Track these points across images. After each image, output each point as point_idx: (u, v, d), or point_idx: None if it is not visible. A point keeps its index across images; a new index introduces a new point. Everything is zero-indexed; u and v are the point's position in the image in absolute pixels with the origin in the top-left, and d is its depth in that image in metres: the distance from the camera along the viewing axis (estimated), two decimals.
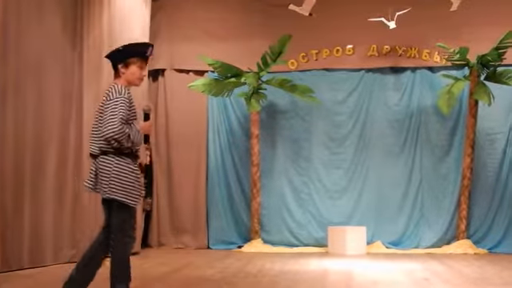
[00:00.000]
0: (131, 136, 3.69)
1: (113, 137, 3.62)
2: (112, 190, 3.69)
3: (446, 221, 8.36)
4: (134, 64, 3.83)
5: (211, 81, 8.44)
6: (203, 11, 8.87)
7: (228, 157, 8.79)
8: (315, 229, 8.56)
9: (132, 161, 3.77)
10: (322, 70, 8.81)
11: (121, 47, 3.92)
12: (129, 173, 3.73)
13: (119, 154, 3.73)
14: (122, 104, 3.69)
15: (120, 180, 3.70)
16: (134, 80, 3.87)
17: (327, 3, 8.28)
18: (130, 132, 3.69)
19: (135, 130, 3.74)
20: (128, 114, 3.72)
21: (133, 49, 3.92)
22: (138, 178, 3.77)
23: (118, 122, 3.64)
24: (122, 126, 3.64)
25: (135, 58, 3.84)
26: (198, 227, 8.66)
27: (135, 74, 3.85)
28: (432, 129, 8.57)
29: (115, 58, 3.87)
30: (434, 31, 8.33)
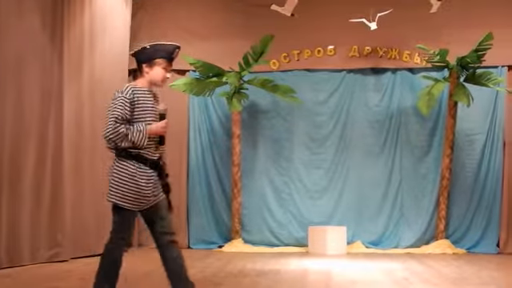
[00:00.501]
0: (129, 136, 3.59)
1: (108, 136, 3.58)
2: (109, 192, 3.67)
3: (425, 221, 8.44)
4: (159, 65, 3.76)
5: (192, 80, 8.41)
6: (184, 10, 8.84)
7: (209, 156, 8.77)
8: (296, 229, 8.58)
9: (135, 163, 3.65)
10: (303, 70, 8.84)
11: (148, 46, 3.83)
12: (125, 175, 3.62)
13: (121, 156, 3.66)
14: (120, 103, 3.61)
15: (116, 182, 3.64)
16: (157, 81, 3.79)
17: (309, 4, 8.30)
18: (127, 132, 3.59)
19: (136, 129, 3.62)
20: (129, 113, 3.63)
21: (159, 49, 3.82)
22: (137, 181, 3.63)
23: (113, 121, 3.58)
24: (116, 125, 3.57)
25: (161, 59, 3.77)
26: (178, 227, 8.59)
27: (159, 75, 3.77)
28: (412, 129, 8.64)
29: (141, 57, 3.79)
30: (414, 33, 8.40)
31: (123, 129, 3.59)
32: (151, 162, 3.70)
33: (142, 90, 3.73)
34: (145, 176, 3.65)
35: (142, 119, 3.66)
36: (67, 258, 6.58)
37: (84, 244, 7.00)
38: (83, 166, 7.09)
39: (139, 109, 3.67)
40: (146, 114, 3.69)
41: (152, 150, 3.70)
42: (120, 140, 3.59)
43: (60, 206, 6.58)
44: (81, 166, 7.03)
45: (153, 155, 3.72)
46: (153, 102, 3.76)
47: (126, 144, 3.61)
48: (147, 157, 3.69)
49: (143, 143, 3.63)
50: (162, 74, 3.77)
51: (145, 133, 3.62)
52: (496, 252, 8.21)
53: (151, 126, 3.68)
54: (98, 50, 7.43)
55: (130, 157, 3.65)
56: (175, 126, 8.74)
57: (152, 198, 3.70)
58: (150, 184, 3.68)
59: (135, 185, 3.63)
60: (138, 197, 3.65)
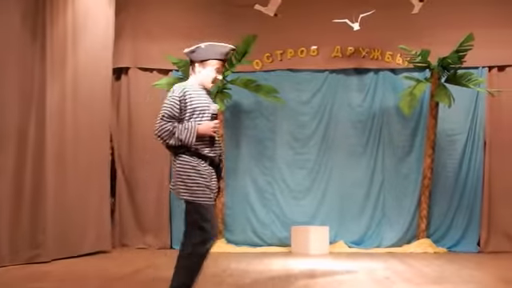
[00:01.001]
0: (176, 133, 3.61)
1: (156, 134, 3.64)
2: (178, 190, 3.69)
3: (407, 220, 8.50)
4: (211, 66, 3.76)
5: (176, 80, 8.37)
6: (168, 10, 8.81)
7: None
8: (279, 229, 8.59)
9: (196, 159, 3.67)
10: (286, 70, 8.85)
11: (202, 45, 3.81)
12: (189, 169, 3.65)
13: (180, 153, 3.67)
14: (169, 102, 3.66)
15: (183, 178, 3.66)
16: (207, 82, 3.79)
17: (292, 4, 8.32)
18: (174, 130, 3.61)
19: (183, 127, 3.64)
20: (178, 111, 3.64)
21: (214, 50, 3.80)
22: (202, 175, 3.67)
23: (160, 119, 3.64)
24: (162, 123, 3.62)
25: (215, 60, 3.76)
26: (161, 227, 8.59)
27: (210, 75, 3.77)
28: (394, 129, 8.70)
29: (194, 56, 3.79)
30: (396, 34, 8.46)
31: (169, 126, 3.61)
32: (210, 160, 3.72)
33: (195, 88, 3.73)
34: (206, 169, 3.68)
35: (195, 118, 3.66)
36: (49, 259, 6.52)
37: (67, 245, 6.94)
38: (66, 166, 7.02)
39: (191, 108, 3.67)
40: (199, 112, 3.69)
41: (208, 149, 3.71)
42: (167, 137, 3.62)
43: (41, 207, 6.51)
44: (63, 166, 6.97)
45: (209, 153, 3.72)
46: (207, 101, 3.75)
47: (173, 142, 3.62)
48: (205, 154, 3.70)
49: (191, 141, 3.62)
50: (214, 75, 3.76)
51: (192, 131, 3.62)
52: (477, 251, 8.30)
53: (200, 124, 3.67)
54: (81, 48, 7.37)
55: (188, 152, 3.67)
56: None
57: (214, 192, 3.73)
58: (211, 177, 3.71)
59: (201, 178, 3.66)
60: (207, 190, 3.67)
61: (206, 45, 3.80)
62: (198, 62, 3.75)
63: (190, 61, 3.81)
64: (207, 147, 3.71)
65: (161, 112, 3.67)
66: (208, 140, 3.71)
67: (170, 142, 3.63)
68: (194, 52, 3.78)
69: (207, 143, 3.71)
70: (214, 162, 3.76)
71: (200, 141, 3.69)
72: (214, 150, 3.75)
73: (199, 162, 3.68)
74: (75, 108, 7.20)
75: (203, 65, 3.74)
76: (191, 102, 3.68)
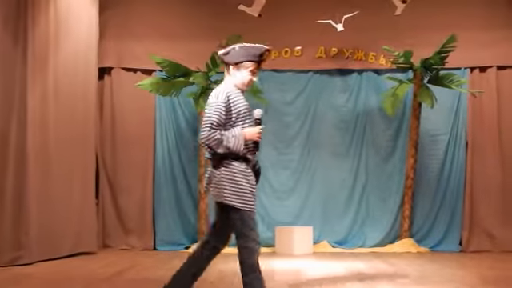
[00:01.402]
0: (224, 141, 3.55)
1: (204, 142, 3.56)
2: (222, 194, 3.61)
3: (390, 220, 8.56)
4: (246, 68, 3.68)
5: (159, 80, 8.36)
6: (152, 10, 8.77)
7: (176, 157, 8.72)
8: (263, 229, 8.58)
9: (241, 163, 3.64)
10: (270, 70, 8.86)
11: (236, 47, 3.72)
12: (237, 175, 3.61)
13: (228, 158, 3.62)
14: (216, 109, 3.57)
15: (229, 184, 3.60)
16: (242, 84, 3.71)
17: (276, 5, 8.34)
18: (222, 138, 3.55)
19: (231, 135, 3.58)
20: (225, 117, 3.58)
21: (248, 51, 3.71)
22: (249, 181, 3.63)
23: (208, 127, 3.55)
24: (211, 131, 3.54)
25: (249, 63, 3.67)
26: (144, 228, 8.55)
27: (246, 77, 3.69)
28: (377, 130, 8.75)
29: (228, 59, 3.72)
30: (380, 34, 8.51)
31: (218, 135, 3.54)
32: (252, 166, 3.69)
33: (235, 92, 3.66)
34: (251, 175, 3.64)
35: (238, 123, 3.63)
36: (32, 261, 6.46)
37: (50, 246, 6.89)
38: (49, 167, 6.96)
39: (235, 112, 3.62)
40: (242, 117, 3.65)
41: (251, 154, 3.68)
42: (215, 146, 3.55)
43: (24, 208, 6.45)
44: (46, 167, 6.91)
45: (252, 158, 3.69)
46: (247, 105, 3.70)
47: (222, 150, 3.56)
48: (248, 157, 3.67)
49: (239, 149, 3.58)
50: (249, 78, 3.68)
51: (240, 138, 3.57)
52: (458, 250, 8.38)
53: (246, 131, 3.63)
54: (64, 49, 7.32)
55: (237, 158, 3.62)
56: (141, 127, 8.70)
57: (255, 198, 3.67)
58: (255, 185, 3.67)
59: (249, 184, 3.61)
60: (250, 195, 3.62)
61: (240, 46, 3.72)
62: (233, 64, 3.68)
63: (225, 63, 3.75)
64: (250, 152, 3.68)
65: (208, 119, 3.57)
66: (252, 145, 3.67)
67: (219, 150, 3.57)
68: (227, 54, 3.71)
69: (251, 148, 3.67)
70: (255, 167, 3.73)
71: (245, 146, 3.65)
72: (254, 155, 3.72)
73: (246, 168, 3.64)
74: (57, 109, 7.14)
75: (238, 67, 3.67)
76: (235, 107, 3.62)
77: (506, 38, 8.48)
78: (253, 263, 3.61)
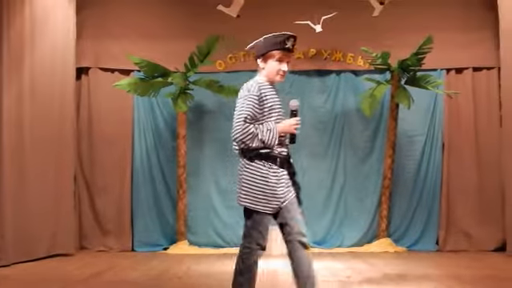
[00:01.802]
0: (260, 135, 3.42)
1: (238, 138, 3.41)
2: (240, 195, 3.53)
3: (368, 220, 8.61)
4: (272, 58, 3.56)
5: (137, 80, 8.30)
6: (129, 10, 8.72)
7: (154, 157, 8.68)
8: (241, 229, 8.57)
9: (265, 163, 3.48)
10: (249, 71, 8.83)
11: (261, 39, 3.61)
12: (257, 176, 3.47)
13: (251, 157, 3.49)
14: (248, 102, 3.45)
15: (247, 184, 3.48)
16: (272, 76, 3.57)
17: (255, 5, 8.33)
18: (257, 131, 3.42)
19: (266, 128, 3.44)
20: (258, 111, 3.46)
21: (271, 41, 3.58)
22: (268, 182, 3.47)
23: (242, 121, 3.42)
24: (245, 125, 3.41)
25: (274, 52, 3.55)
26: (122, 229, 8.49)
27: (274, 68, 3.55)
28: (355, 131, 8.80)
29: (256, 53, 3.63)
30: (358, 36, 8.56)
31: (252, 129, 3.42)
32: (281, 161, 3.53)
33: (267, 85, 3.55)
34: (276, 176, 3.49)
35: (271, 117, 3.50)
36: (8, 263, 6.38)
37: (27, 248, 6.80)
38: (25, 168, 6.88)
39: (267, 106, 3.50)
40: (274, 111, 3.53)
41: (282, 148, 3.53)
42: (250, 140, 3.42)
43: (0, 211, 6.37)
44: (22, 168, 6.82)
45: (282, 153, 3.54)
46: (279, 98, 3.59)
47: (256, 144, 3.43)
48: (277, 155, 3.51)
49: (274, 142, 3.45)
50: (277, 67, 3.56)
51: (275, 132, 3.45)
52: (435, 250, 8.46)
53: (281, 123, 3.51)
54: (40, 49, 7.24)
55: (260, 157, 3.48)
56: (119, 127, 8.64)
57: (283, 199, 3.51)
58: (281, 184, 3.50)
59: (268, 186, 3.46)
60: (271, 198, 3.47)
61: (264, 37, 3.60)
62: (260, 57, 3.59)
63: (256, 58, 3.64)
64: (282, 146, 3.53)
65: (240, 113, 3.44)
66: (285, 138, 3.54)
67: (252, 144, 3.43)
68: (253, 48, 3.64)
69: (283, 142, 3.54)
70: (286, 162, 3.56)
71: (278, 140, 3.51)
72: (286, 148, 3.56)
73: (270, 167, 3.49)
74: (34, 109, 7.06)
75: (265, 59, 3.57)
76: (267, 100, 3.50)
77: (482, 40, 8.59)
78: (250, 264, 3.56)
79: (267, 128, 3.45)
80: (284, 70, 3.58)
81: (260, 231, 3.54)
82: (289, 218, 3.54)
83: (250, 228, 3.53)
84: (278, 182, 3.49)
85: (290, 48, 3.58)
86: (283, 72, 3.58)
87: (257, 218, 3.51)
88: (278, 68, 3.55)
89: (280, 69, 3.56)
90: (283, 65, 3.58)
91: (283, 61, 3.57)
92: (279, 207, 3.50)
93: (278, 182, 3.49)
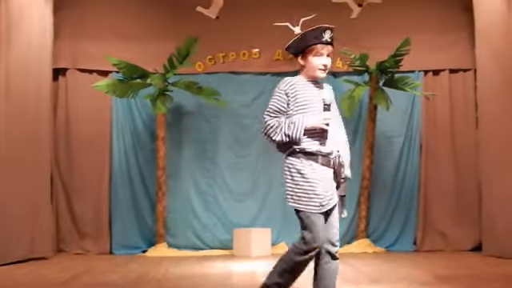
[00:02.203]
0: (283, 129, 3.31)
1: (262, 131, 3.37)
2: (286, 195, 3.40)
3: (347, 221, 8.65)
4: (310, 53, 3.41)
5: (115, 81, 8.25)
6: (107, 10, 8.66)
7: (133, 159, 8.62)
8: (221, 231, 8.58)
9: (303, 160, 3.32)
10: (228, 73, 8.86)
11: (299, 36, 3.47)
12: (295, 173, 3.33)
13: (287, 154, 3.37)
14: (274, 97, 3.41)
15: (287, 182, 3.36)
16: (313, 72, 3.42)
17: (234, 7, 8.35)
18: (279, 124, 3.32)
19: (289, 121, 3.31)
20: (284, 105, 3.36)
21: (307, 36, 3.42)
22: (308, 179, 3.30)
23: (266, 115, 3.39)
24: (267, 118, 3.37)
25: (312, 46, 3.40)
26: (99, 232, 8.42)
27: (313, 64, 3.40)
28: None
29: (293, 51, 3.48)
30: (336, 37, 8.49)
31: (274, 121, 3.36)
32: (322, 158, 3.35)
33: (302, 81, 3.45)
34: (313, 172, 3.31)
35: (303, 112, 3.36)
36: None
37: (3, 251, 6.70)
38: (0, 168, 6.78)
39: (298, 102, 3.38)
40: (307, 107, 3.38)
41: (318, 144, 3.35)
42: (273, 133, 3.35)
43: None
44: None
45: (321, 149, 3.35)
46: (314, 94, 3.43)
47: (280, 138, 3.33)
48: (316, 152, 3.34)
49: (298, 136, 3.30)
50: (316, 62, 3.41)
51: (300, 124, 3.30)
52: (413, 250, 8.54)
53: (309, 118, 3.35)
54: (15, 49, 7.14)
55: (295, 153, 3.36)
56: (97, 129, 8.58)
57: (325, 199, 3.32)
58: (320, 180, 3.31)
59: (307, 183, 3.31)
60: (312, 196, 3.30)
61: (301, 33, 3.48)
62: (299, 55, 3.46)
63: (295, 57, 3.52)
64: (318, 143, 3.36)
65: (267, 108, 3.40)
66: (319, 134, 3.36)
67: (276, 138, 3.33)
68: (290, 48, 3.50)
69: (318, 138, 3.35)
70: (327, 160, 3.36)
71: (310, 136, 3.35)
72: (324, 144, 3.37)
73: (306, 164, 3.33)
74: (8, 108, 6.95)
75: (304, 56, 3.44)
76: (296, 95, 3.38)
77: (458, 42, 8.69)
78: (296, 263, 3.37)
79: (291, 121, 3.33)
80: (325, 64, 3.43)
81: (311, 231, 3.31)
82: (329, 223, 3.41)
83: (301, 228, 3.35)
84: (318, 179, 3.31)
85: (328, 40, 3.42)
86: (324, 66, 3.43)
87: (303, 216, 3.33)
88: (318, 63, 3.42)
89: (320, 63, 3.42)
90: (323, 58, 3.43)
91: (322, 54, 3.43)
92: (322, 205, 3.32)
93: (317, 179, 3.31)
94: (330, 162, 3.38)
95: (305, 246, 3.32)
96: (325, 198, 3.32)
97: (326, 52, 3.44)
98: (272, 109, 3.39)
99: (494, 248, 7.45)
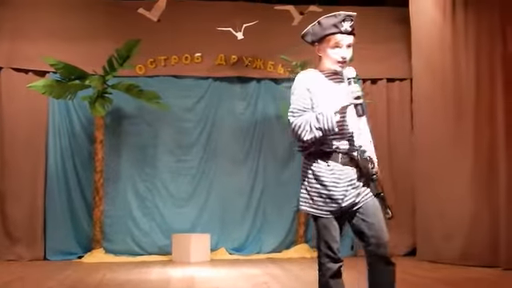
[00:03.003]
0: (312, 123, 2.89)
1: (292, 135, 2.96)
2: (299, 199, 3.08)
3: (286, 226, 8.73)
4: (327, 44, 3.01)
5: (53, 82, 8.03)
6: (46, 10, 8.43)
7: (69, 162, 8.41)
8: (159, 237, 8.49)
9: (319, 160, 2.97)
10: (170, 76, 8.79)
11: (316, 22, 3.07)
12: (310, 175, 2.99)
13: (306, 156, 3.03)
14: (297, 93, 3.00)
15: (303, 186, 3.03)
16: (331, 63, 3.03)
17: (177, 10, 8.29)
18: (307, 120, 2.91)
19: (316, 114, 2.91)
20: (308, 101, 2.97)
21: (323, 26, 3.02)
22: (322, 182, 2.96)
23: (290, 116, 2.97)
24: (293, 119, 2.94)
25: (329, 36, 2.99)
26: (33, 237, 8.15)
27: (331, 54, 3.00)
28: (275, 138, 8.91)
29: (309, 40, 3.09)
30: (278, 44, 8.68)
31: (301, 120, 2.93)
32: (342, 156, 2.97)
33: (320, 74, 3.06)
34: (330, 173, 2.96)
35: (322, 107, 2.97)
36: None
37: None
38: None
39: (319, 95, 3.00)
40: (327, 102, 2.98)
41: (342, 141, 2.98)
42: (303, 131, 2.92)
43: None
44: None
45: (341, 147, 2.98)
46: (333, 87, 3.04)
47: (311, 135, 2.91)
48: (334, 150, 2.97)
49: (331, 126, 2.87)
50: (334, 54, 3.01)
51: (329, 114, 2.88)
52: (350, 254, 8.66)
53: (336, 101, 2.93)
54: None
55: (312, 154, 3.00)
56: (33, 130, 8.32)
57: (345, 201, 2.97)
58: (337, 182, 2.95)
59: (321, 185, 2.97)
60: (326, 199, 2.96)
61: (317, 21, 3.08)
62: (316, 44, 3.07)
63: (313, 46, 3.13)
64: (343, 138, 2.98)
65: (290, 108, 3.01)
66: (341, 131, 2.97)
67: (308, 136, 2.91)
68: (306, 35, 3.13)
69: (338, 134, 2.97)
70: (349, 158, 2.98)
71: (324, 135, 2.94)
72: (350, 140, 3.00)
73: (322, 165, 2.98)
74: None
75: (319, 46, 3.05)
76: (314, 90, 3.01)
77: (396, 52, 8.94)
78: (326, 281, 3.07)
79: (318, 113, 2.93)
80: (343, 57, 3.01)
81: (326, 241, 3.01)
82: (364, 225, 3.02)
83: (317, 238, 3.05)
84: (335, 180, 2.96)
85: (347, 30, 3.00)
86: (342, 59, 3.01)
87: (319, 224, 3.01)
88: (335, 55, 3.01)
89: (339, 55, 3.00)
90: (342, 50, 3.00)
91: (341, 46, 3.00)
92: (341, 210, 2.98)
93: (334, 180, 2.96)
94: (351, 159, 2.99)
95: (326, 258, 3.03)
96: (342, 199, 2.96)
97: (346, 43, 3.01)
98: (296, 108, 2.98)
99: (428, 253, 7.69)
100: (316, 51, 3.09)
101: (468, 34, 7.28)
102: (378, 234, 3.01)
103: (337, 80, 3.06)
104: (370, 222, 3.01)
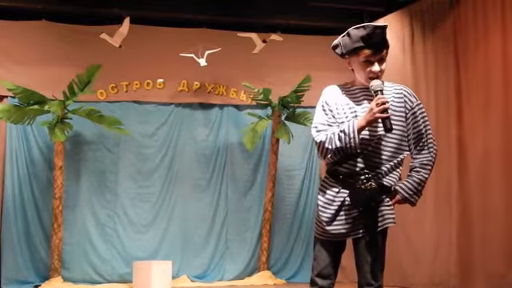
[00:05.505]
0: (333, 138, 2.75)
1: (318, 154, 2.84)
2: None
3: (249, 253, 8.70)
4: (357, 58, 2.82)
5: (11, 107, 7.87)
6: (5, 34, 8.28)
7: (27, 189, 8.20)
8: (120, 264, 8.32)
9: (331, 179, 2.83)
10: (131, 102, 8.73)
11: (345, 34, 2.88)
12: (319, 197, 2.86)
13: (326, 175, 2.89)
14: (317, 109, 2.90)
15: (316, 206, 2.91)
16: (361, 78, 2.85)
17: (140, 36, 8.27)
18: (330, 135, 2.76)
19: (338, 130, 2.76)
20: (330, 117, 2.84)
21: (351, 39, 2.82)
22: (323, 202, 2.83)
23: (314, 133, 2.84)
24: (316, 135, 2.82)
25: (359, 50, 2.80)
26: None
27: (361, 70, 2.83)
28: (237, 164, 8.92)
29: (339, 53, 2.93)
30: (241, 71, 8.75)
31: (323, 136, 2.78)
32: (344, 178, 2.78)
33: (347, 88, 2.93)
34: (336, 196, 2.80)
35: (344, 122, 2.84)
36: None
37: None
38: None
39: (341, 111, 2.86)
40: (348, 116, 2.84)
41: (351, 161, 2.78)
42: (325, 150, 2.77)
43: None
44: None
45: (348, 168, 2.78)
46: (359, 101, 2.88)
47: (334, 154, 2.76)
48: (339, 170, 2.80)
49: (353, 142, 2.69)
50: (365, 69, 2.82)
51: (351, 130, 2.71)
52: None
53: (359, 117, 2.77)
54: None
55: (328, 173, 2.87)
56: None
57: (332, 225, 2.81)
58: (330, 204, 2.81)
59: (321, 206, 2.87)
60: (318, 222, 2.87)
61: (347, 32, 2.89)
62: (346, 58, 2.91)
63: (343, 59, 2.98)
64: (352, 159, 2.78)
65: (312, 125, 2.90)
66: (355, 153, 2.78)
67: (331, 155, 2.76)
68: (336, 48, 2.96)
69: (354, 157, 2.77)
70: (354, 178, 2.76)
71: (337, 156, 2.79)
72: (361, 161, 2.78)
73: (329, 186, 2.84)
74: None
75: (350, 59, 2.89)
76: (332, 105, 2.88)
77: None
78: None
79: (340, 129, 2.77)
80: (375, 71, 2.82)
81: (316, 261, 2.92)
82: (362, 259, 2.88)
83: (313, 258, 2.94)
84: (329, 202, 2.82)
85: (376, 43, 2.80)
86: (373, 74, 2.82)
87: (315, 243, 2.93)
88: (366, 70, 2.83)
89: (370, 70, 2.82)
90: (373, 65, 2.83)
91: (372, 59, 2.81)
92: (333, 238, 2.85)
93: (328, 202, 2.83)
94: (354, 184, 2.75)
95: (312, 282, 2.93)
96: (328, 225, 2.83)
97: (377, 57, 2.82)
98: (319, 123, 2.85)
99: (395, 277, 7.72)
100: (347, 64, 2.94)
101: (427, 66, 7.48)
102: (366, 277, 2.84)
103: (365, 92, 2.89)
104: (363, 257, 2.86)
